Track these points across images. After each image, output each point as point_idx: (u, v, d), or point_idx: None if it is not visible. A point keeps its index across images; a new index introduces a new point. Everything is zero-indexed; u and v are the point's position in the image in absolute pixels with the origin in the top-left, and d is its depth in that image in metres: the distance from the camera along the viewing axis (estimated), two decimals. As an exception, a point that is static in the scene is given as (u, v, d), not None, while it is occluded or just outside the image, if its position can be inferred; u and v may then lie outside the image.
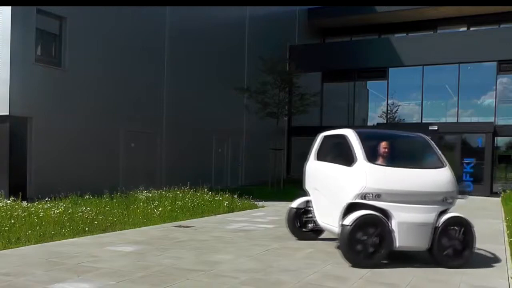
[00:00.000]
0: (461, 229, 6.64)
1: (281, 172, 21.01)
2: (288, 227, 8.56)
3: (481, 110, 23.35)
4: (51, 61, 13.84)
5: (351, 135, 7.14)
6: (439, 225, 6.57)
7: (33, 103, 12.96)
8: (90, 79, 14.59)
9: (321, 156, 8.11)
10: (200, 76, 18.89)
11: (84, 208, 10.12)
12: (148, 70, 16.76)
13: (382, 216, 6.48)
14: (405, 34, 26.69)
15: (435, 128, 21.58)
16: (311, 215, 8.25)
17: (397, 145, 7.79)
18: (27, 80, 12.84)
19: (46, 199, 10.91)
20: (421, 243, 6.57)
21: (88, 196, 11.91)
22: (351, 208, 6.67)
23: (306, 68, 21.76)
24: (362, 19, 26.70)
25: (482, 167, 21.22)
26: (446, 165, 7.04)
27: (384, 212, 6.52)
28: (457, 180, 7.07)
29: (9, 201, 10.29)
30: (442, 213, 6.71)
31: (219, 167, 20.54)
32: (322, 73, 25.14)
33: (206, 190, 13.95)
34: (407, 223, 6.48)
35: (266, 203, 14.70)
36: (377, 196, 6.51)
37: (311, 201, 8.22)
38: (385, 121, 24.15)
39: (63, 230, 8.32)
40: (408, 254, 7.03)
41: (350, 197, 6.66)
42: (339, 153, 7.75)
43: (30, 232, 7.88)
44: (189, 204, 12.11)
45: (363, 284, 5.62)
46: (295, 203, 8.49)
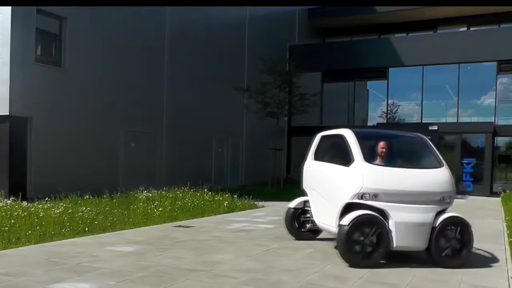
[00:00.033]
0: (459, 229, 6.65)
1: (281, 172, 21.04)
2: (286, 227, 8.57)
3: (481, 110, 23.34)
4: (51, 61, 13.87)
5: (348, 135, 7.15)
6: (437, 225, 6.57)
7: (33, 103, 12.98)
8: (90, 79, 14.62)
9: (319, 156, 8.11)
10: (200, 76, 18.90)
11: (84, 208, 10.13)
12: (148, 70, 16.78)
13: (380, 216, 6.48)
14: (405, 34, 26.66)
15: (435, 128, 21.57)
16: (309, 215, 8.26)
17: (395, 145, 7.79)
18: (27, 80, 12.86)
19: (46, 199, 10.92)
20: (419, 243, 6.58)
21: (88, 196, 11.92)
22: (348, 208, 6.68)
23: (306, 68, 21.78)
24: (362, 19, 26.67)
25: (482, 167, 21.20)
26: (443, 165, 7.05)
27: (382, 212, 6.53)
28: (457, 180, 7.09)
29: (9, 201, 10.29)
30: (440, 213, 6.71)
31: (219, 167, 20.55)
32: (322, 73, 25.10)
33: (206, 190, 13.96)
34: (405, 223, 6.49)
35: (266, 203, 14.71)
36: (375, 196, 6.52)
37: (309, 201, 8.22)
38: (385, 121, 24.12)
39: (63, 230, 8.34)
40: (406, 254, 7.04)
41: (348, 197, 6.67)
42: (336, 153, 7.75)
43: (30, 232, 7.90)
44: (189, 204, 12.13)
45: (363, 284, 5.63)
46: (293, 203, 8.51)
